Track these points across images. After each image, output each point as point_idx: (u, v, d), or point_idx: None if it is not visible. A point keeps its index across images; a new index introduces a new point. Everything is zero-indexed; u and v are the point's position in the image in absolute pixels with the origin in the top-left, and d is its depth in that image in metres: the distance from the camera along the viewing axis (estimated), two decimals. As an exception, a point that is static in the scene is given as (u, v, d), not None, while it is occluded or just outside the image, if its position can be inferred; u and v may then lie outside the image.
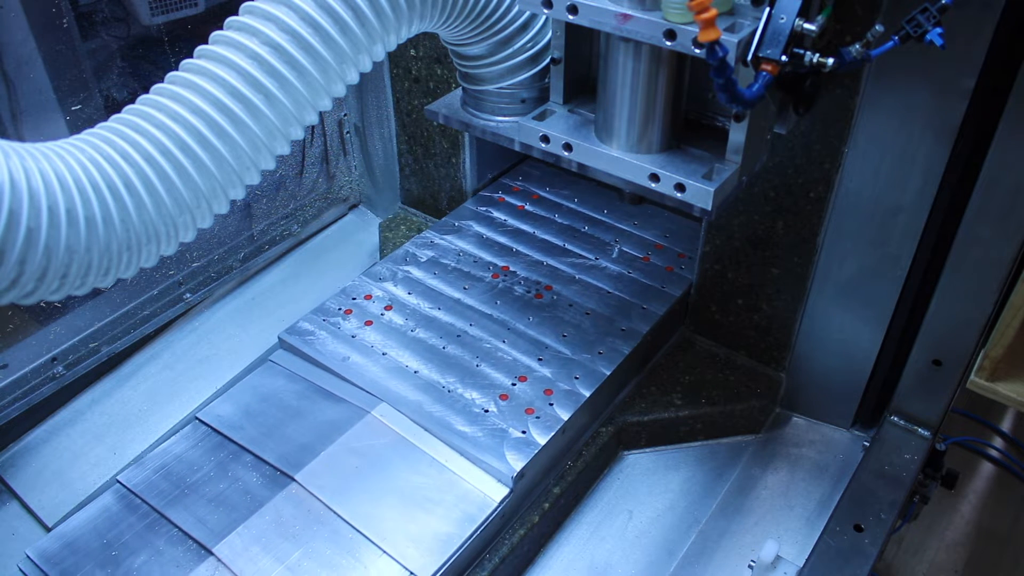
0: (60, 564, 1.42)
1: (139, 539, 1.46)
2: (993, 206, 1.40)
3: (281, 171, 2.20)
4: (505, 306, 1.85)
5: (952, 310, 1.55)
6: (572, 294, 1.88)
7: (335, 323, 1.80)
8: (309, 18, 1.11)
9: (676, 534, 1.65)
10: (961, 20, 1.23)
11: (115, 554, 1.43)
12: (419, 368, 1.70)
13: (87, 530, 1.47)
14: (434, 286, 1.90)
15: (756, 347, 1.84)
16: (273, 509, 1.48)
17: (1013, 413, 2.70)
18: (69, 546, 1.45)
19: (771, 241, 1.67)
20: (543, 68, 1.46)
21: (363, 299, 1.86)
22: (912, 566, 2.28)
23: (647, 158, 1.32)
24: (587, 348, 1.74)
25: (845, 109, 1.44)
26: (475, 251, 2.01)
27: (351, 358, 1.72)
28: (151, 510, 1.50)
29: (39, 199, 0.93)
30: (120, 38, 1.79)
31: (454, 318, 1.82)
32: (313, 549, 1.43)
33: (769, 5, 1.13)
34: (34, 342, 1.78)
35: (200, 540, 1.44)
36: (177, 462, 1.57)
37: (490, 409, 1.61)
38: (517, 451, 1.53)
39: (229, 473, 1.55)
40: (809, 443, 1.81)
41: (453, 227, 2.09)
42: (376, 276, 1.93)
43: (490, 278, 1.93)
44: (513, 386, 1.66)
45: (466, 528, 1.45)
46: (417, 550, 1.42)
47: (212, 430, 1.62)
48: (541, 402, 1.63)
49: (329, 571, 1.40)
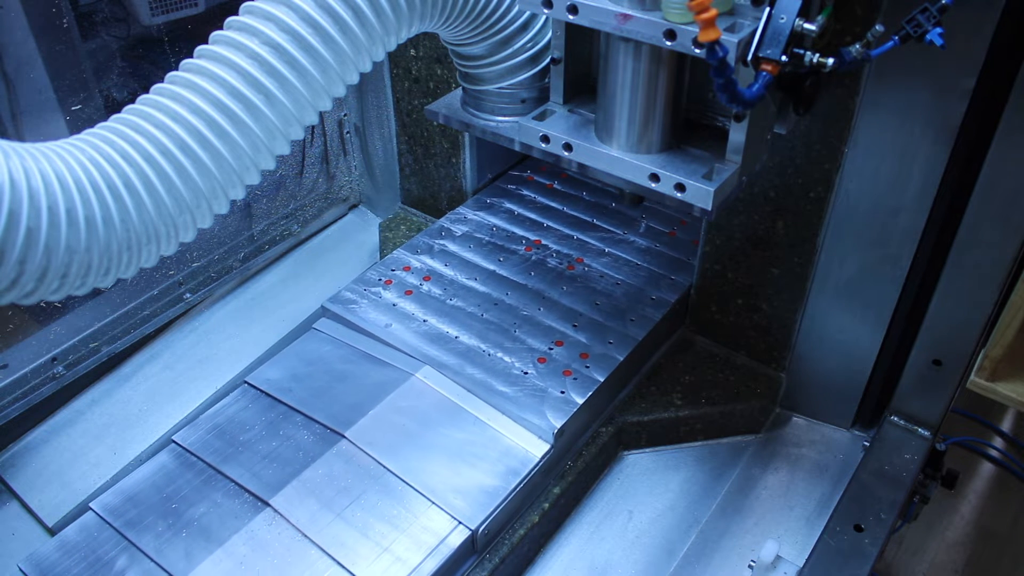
0: (123, 516, 1.50)
1: (197, 493, 1.53)
2: (993, 206, 1.40)
3: (281, 171, 2.20)
4: (539, 277, 1.94)
5: (952, 310, 1.55)
6: (602, 266, 1.97)
7: (376, 293, 1.88)
8: (309, 18, 1.11)
9: (676, 534, 1.65)
10: (961, 20, 1.23)
11: (175, 506, 1.51)
12: (459, 334, 1.78)
13: (146, 485, 1.55)
14: (470, 258, 2.00)
15: (756, 347, 1.84)
16: (325, 464, 1.55)
17: (1013, 413, 2.70)
18: (131, 500, 1.52)
19: (771, 241, 1.67)
20: (543, 68, 1.46)
21: (402, 270, 1.95)
22: (912, 566, 2.28)
23: (647, 158, 1.32)
24: (619, 316, 1.83)
25: (845, 109, 1.44)
26: (507, 226, 2.11)
27: (393, 325, 1.80)
28: (207, 466, 1.57)
29: (39, 199, 0.93)
30: (120, 38, 1.79)
31: (490, 288, 1.91)
32: (365, 501, 1.50)
33: (769, 5, 1.13)
34: (34, 342, 1.78)
35: (256, 493, 1.51)
36: (229, 422, 1.64)
37: (529, 371, 1.69)
38: (557, 409, 1.61)
39: (280, 432, 1.62)
40: (809, 443, 1.81)
41: (485, 204, 2.18)
42: (413, 249, 2.02)
43: (523, 251, 2.03)
44: (550, 350, 1.74)
45: (510, 481, 1.53)
46: (464, 501, 1.50)
47: (262, 393, 1.70)
48: (578, 364, 1.71)
49: (382, 521, 1.47)
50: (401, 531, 1.46)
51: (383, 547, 1.44)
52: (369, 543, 1.44)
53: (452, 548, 1.44)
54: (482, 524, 1.47)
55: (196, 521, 1.48)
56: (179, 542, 1.45)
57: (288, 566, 1.41)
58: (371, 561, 1.42)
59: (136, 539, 1.45)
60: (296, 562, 1.42)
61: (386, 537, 1.45)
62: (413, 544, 1.44)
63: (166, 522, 1.48)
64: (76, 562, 1.44)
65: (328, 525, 1.46)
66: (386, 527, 1.46)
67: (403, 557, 1.42)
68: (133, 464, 1.74)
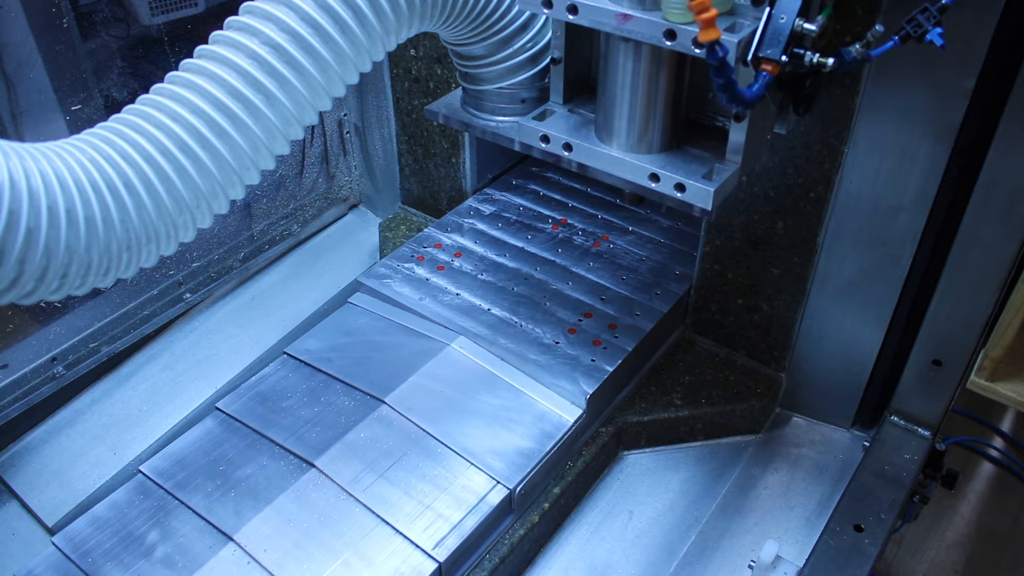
0: (173, 478, 1.54)
1: (243, 455, 1.58)
2: (993, 206, 1.40)
3: (281, 171, 2.20)
4: (566, 253, 2.01)
5: (952, 310, 1.55)
6: (627, 244, 2.04)
7: (409, 268, 1.95)
8: (309, 18, 1.11)
9: (676, 534, 1.65)
10: (961, 20, 1.23)
11: (222, 468, 1.56)
12: (491, 307, 1.84)
13: (193, 449, 1.60)
14: (498, 236, 2.07)
15: (756, 347, 1.84)
16: (367, 428, 1.61)
17: (1013, 413, 2.70)
18: (179, 463, 1.57)
19: (771, 241, 1.67)
20: (543, 68, 1.46)
21: (433, 247, 2.02)
22: (912, 566, 2.28)
23: (647, 158, 1.32)
24: (645, 289, 1.90)
25: (845, 109, 1.44)
26: (534, 206, 2.18)
27: (426, 298, 1.86)
28: (251, 431, 1.62)
29: (39, 199, 0.93)
30: (120, 38, 1.79)
31: (520, 264, 1.98)
32: (407, 462, 1.55)
33: (769, 5, 1.13)
34: (34, 342, 1.77)
35: (302, 455, 1.56)
36: (271, 390, 1.70)
37: (560, 341, 1.75)
38: (588, 376, 1.67)
39: (322, 399, 1.67)
40: (809, 443, 1.81)
41: (511, 185, 2.26)
42: (444, 227, 2.09)
43: (550, 229, 2.10)
44: (579, 322, 1.81)
45: (545, 444, 1.59)
46: (502, 462, 1.56)
47: (301, 363, 1.75)
48: (607, 335, 1.77)
49: (423, 481, 1.53)
50: (442, 490, 1.52)
51: (425, 505, 1.49)
52: (412, 501, 1.50)
53: (491, 506, 1.50)
54: (519, 484, 1.53)
55: (244, 482, 1.53)
56: (228, 501, 1.50)
57: (334, 523, 1.47)
58: (414, 518, 1.47)
59: (186, 499, 1.50)
60: (342, 519, 1.47)
61: (428, 496, 1.51)
62: (454, 502, 1.50)
63: (214, 483, 1.53)
64: (133, 517, 1.49)
65: (372, 484, 1.52)
66: (428, 486, 1.52)
67: (445, 514, 1.48)
68: (133, 464, 1.75)
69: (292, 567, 1.41)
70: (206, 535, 1.45)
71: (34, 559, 1.44)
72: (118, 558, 1.43)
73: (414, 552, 1.43)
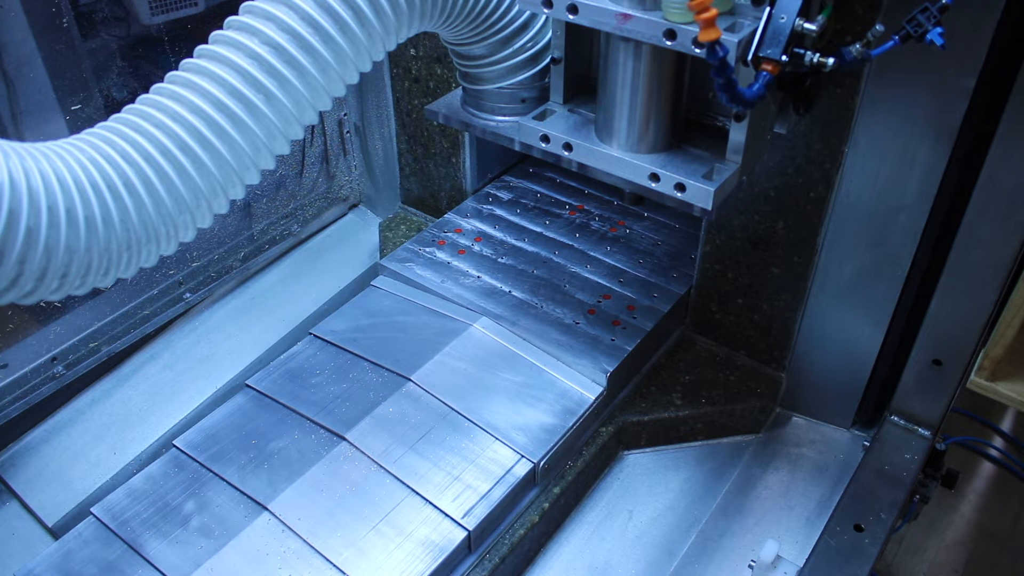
0: (207, 451, 1.59)
1: (274, 429, 1.62)
2: (993, 206, 1.40)
3: (281, 171, 2.20)
4: (584, 238, 2.06)
5: (952, 310, 1.55)
6: (643, 229, 2.10)
7: (430, 252, 2.00)
8: (309, 18, 1.11)
9: (676, 534, 1.65)
10: (961, 20, 1.23)
11: (255, 442, 1.60)
12: (511, 289, 1.89)
13: (225, 424, 1.64)
14: (517, 222, 2.12)
15: (756, 347, 1.84)
16: (395, 403, 1.66)
17: (1013, 413, 2.70)
18: (212, 437, 1.62)
19: (771, 241, 1.67)
20: (543, 68, 1.46)
21: (453, 232, 2.07)
22: (912, 566, 2.28)
23: (647, 158, 1.33)
24: (661, 272, 1.95)
25: (845, 109, 1.44)
26: (551, 193, 2.24)
27: (448, 281, 1.92)
28: (282, 406, 1.66)
29: (39, 199, 0.93)
30: (120, 38, 1.79)
31: (539, 248, 2.03)
32: (435, 436, 1.61)
33: (769, 5, 1.13)
34: (34, 342, 1.77)
35: (332, 428, 1.61)
36: (300, 368, 1.75)
37: (579, 322, 1.81)
38: (608, 355, 1.72)
39: (350, 376, 1.72)
40: (809, 443, 1.81)
41: (529, 172, 2.30)
42: (463, 213, 2.14)
43: (567, 215, 2.15)
44: (598, 303, 1.86)
45: (568, 420, 1.64)
46: (526, 437, 1.61)
47: (327, 343, 1.80)
48: (625, 315, 1.83)
49: (451, 453, 1.58)
50: (470, 462, 1.56)
51: (454, 476, 1.54)
52: (441, 472, 1.55)
53: (517, 478, 1.55)
54: (543, 458, 1.57)
55: (277, 454, 1.57)
56: (262, 473, 1.54)
57: (366, 493, 1.51)
58: (443, 488, 1.52)
59: (220, 470, 1.54)
60: (373, 489, 1.52)
61: (456, 467, 1.56)
62: (481, 473, 1.55)
63: (247, 455, 1.57)
64: (169, 489, 1.53)
65: (402, 457, 1.56)
66: (456, 458, 1.57)
67: (473, 485, 1.53)
68: (133, 464, 1.75)
69: (326, 535, 1.45)
70: (241, 505, 1.50)
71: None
72: (156, 527, 1.47)
73: (444, 521, 1.48)
